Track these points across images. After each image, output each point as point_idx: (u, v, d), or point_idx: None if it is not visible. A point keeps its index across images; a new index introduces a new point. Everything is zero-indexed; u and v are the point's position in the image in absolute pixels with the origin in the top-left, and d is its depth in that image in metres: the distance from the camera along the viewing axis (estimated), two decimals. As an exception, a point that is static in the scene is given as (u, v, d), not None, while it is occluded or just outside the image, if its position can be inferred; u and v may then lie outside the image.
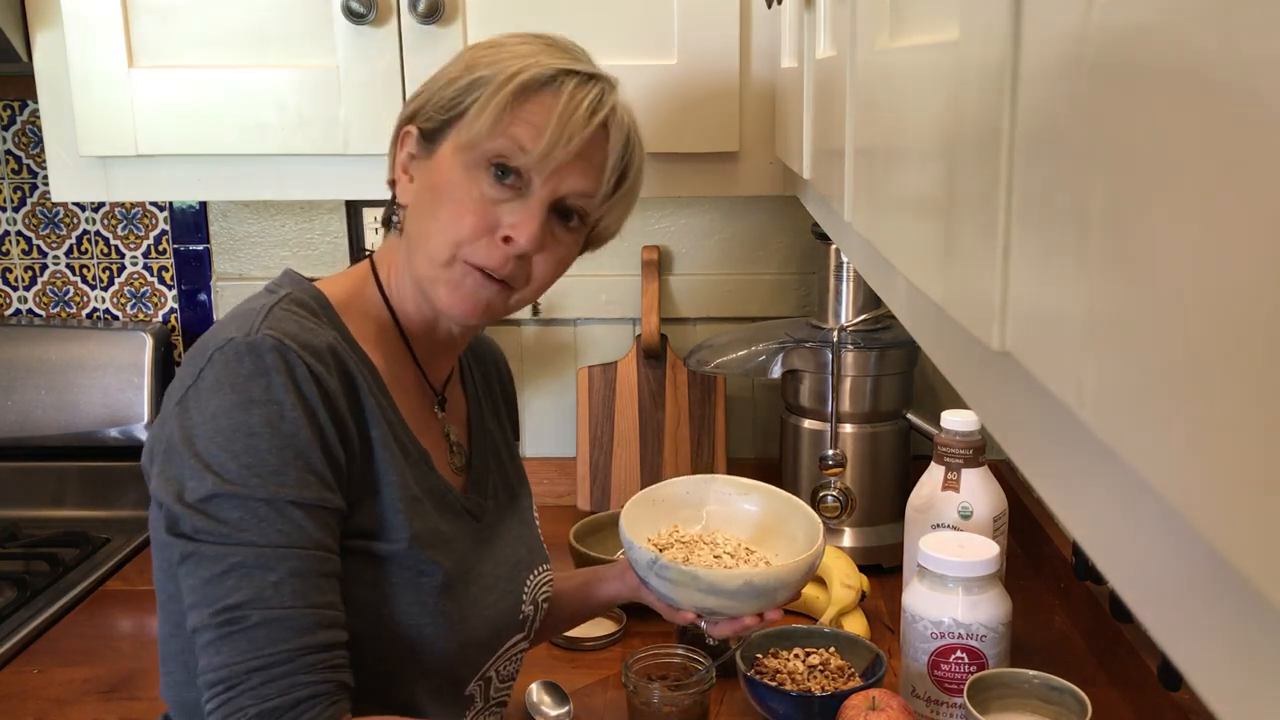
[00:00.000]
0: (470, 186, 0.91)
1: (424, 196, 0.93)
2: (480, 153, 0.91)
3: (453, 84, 0.93)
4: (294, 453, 0.82)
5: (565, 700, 1.24)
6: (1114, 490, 0.28)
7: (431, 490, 0.95)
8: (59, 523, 1.72)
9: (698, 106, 1.36)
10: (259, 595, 0.80)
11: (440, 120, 0.93)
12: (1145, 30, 0.24)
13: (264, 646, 0.80)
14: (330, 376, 0.85)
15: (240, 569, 0.80)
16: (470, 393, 1.11)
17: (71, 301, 1.85)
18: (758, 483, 1.19)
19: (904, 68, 0.54)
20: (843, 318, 1.57)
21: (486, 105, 0.90)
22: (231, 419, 0.82)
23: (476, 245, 0.92)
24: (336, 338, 0.90)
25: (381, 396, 0.92)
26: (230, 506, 0.81)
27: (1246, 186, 0.19)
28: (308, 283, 0.96)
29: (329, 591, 0.84)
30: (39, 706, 1.26)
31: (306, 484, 0.82)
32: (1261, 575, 0.19)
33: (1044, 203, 0.32)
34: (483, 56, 0.93)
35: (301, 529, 0.82)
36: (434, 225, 0.92)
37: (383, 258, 1.00)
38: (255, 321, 0.85)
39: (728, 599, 1.00)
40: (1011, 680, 1.08)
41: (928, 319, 0.53)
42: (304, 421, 0.82)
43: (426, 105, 0.94)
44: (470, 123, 0.91)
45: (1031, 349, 0.34)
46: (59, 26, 1.37)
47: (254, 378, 0.82)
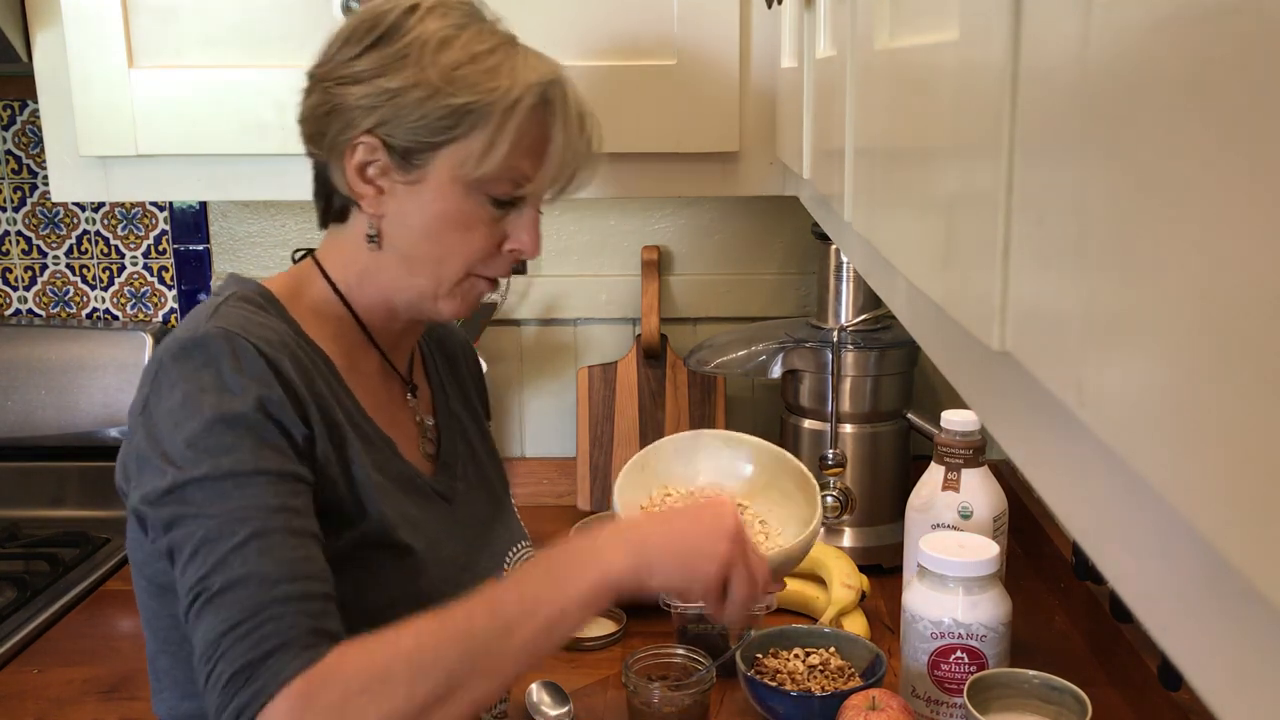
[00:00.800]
0: (475, 210, 0.93)
1: (419, 218, 0.93)
2: (483, 183, 0.92)
3: (429, 102, 0.89)
4: (246, 428, 0.82)
5: (565, 700, 1.24)
6: (1114, 490, 0.28)
7: (399, 475, 0.96)
8: (59, 523, 1.72)
9: (698, 106, 1.36)
10: (221, 562, 0.78)
11: (422, 141, 0.90)
12: (1145, 30, 0.24)
13: (230, 608, 0.77)
14: (283, 359, 0.86)
15: (205, 544, 0.79)
16: (434, 379, 1.11)
17: (71, 301, 1.85)
18: (747, 436, 1.17)
19: (904, 68, 0.54)
20: (843, 318, 1.57)
21: (492, 144, 0.90)
22: (185, 409, 0.82)
23: (490, 263, 0.96)
24: (287, 331, 0.90)
25: (337, 386, 0.92)
26: (191, 491, 0.80)
27: (1246, 186, 0.19)
28: (253, 281, 0.96)
29: (299, 548, 0.81)
30: (39, 706, 1.26)
31: (263, 455, 0.82)
32: (1261, 575, 0.19)
33: (1044, 203, 0.32)
34: (456, 69, 0.90)
35: (261, 495, 0.81)
36: (441, 249, 0.93)
37: (331, 255, 0.99)
38: (201, 322, 0.86)
39: None
40: (1011, 680, 1.08)
41: (928, 319, 0.53)
42: (255, 400, 0.82)
43: (397, 121, 0.90)
44: (470, 155, 0.90)
45: (1031, 349, 0.34)
46: (59, 26, 1.37)
47: (203, 368, 0.83)
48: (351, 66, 0.92)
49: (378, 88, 0.90)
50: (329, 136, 0.94)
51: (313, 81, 0.95)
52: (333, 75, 0.93)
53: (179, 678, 0.92)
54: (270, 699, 0.74)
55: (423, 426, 1.04)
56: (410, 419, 1.03)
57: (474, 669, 0.77)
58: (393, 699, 0.75)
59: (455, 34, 0.91)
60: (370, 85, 0.90)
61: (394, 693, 0.75)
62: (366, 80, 0.91)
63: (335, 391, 0.91)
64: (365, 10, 0.94)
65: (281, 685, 0.74)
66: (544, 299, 1.79)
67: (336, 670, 0.76)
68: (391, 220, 0.94)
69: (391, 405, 1.01)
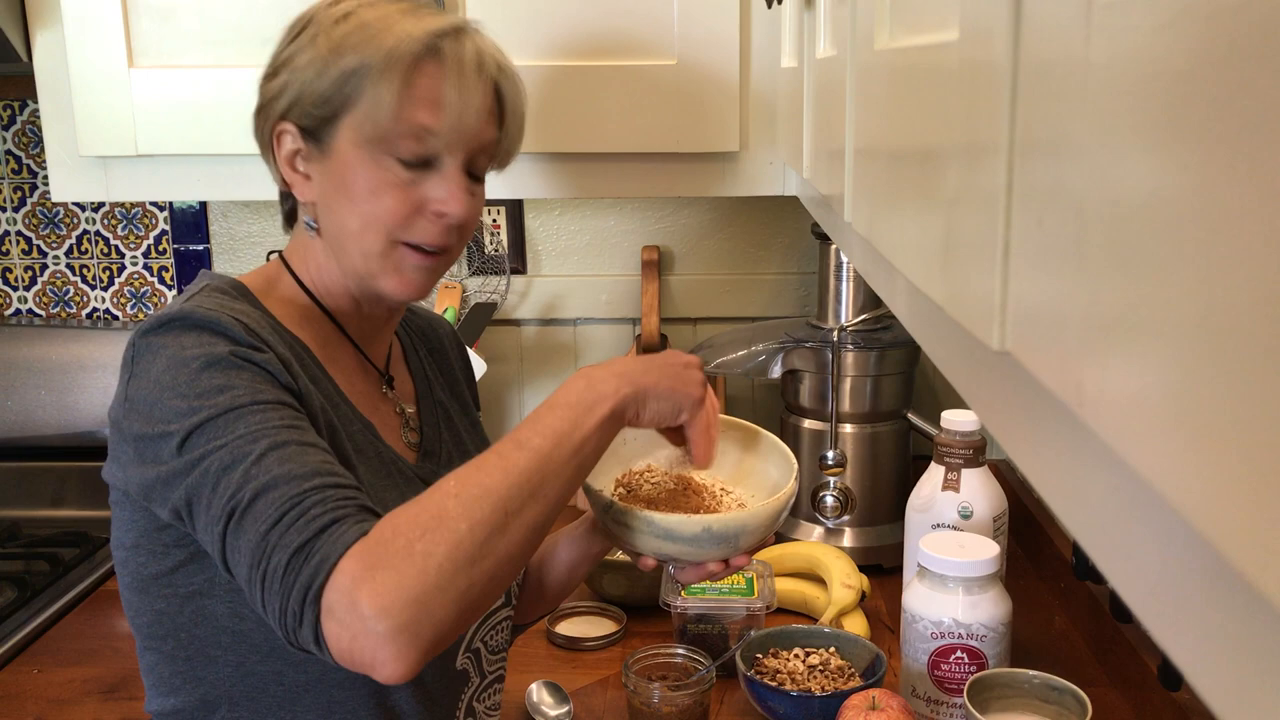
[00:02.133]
0: (382, 173, 0.91)
1: (336, 194, 0.93)
2: (384, 143, 0.90)
3: (323, 75, 0.90)
4: (235, 372, 0.82)
5: (565, 700, 1.24)
6: (1114, 490, 0.28)
7: (379, 459, 0.95)
8: (59, 523, 1.72)
9: (698, 106, 1.36)
10: (245, 477, 0.77)
11: (321, 115, 0.91)
12: (1145, 30, 0.24)
13: (269, 508, 0.76)
14: (260, 332, 0.86)
15: (223, 472, 0.78)
16: (415, 369, 1.10)
17: (71, 301, 1.85)
18: (735, 419, 1.14)
19: (904, 68, 0.54)
20: (843, 318, 1.57)
21: (378, 98, 0.89)
22: (170, 373, 0.81)
23: (411, 227, 0.92)
24: (263, 318, 0.90)
25: (316, 370, 0.92)
26: (195, 438, 0.80)
27: (1247, 186, 0.19)
28: (226, 278, 0.96)
29: (317, 454, 0.81)
30: (39, 706, 1.26)
31: (258, 390, 0.82)
32: (1261, 575, 0.19)
33: (1044, 203, 0.32)
34: (345, 37, 0.90)
35: (266, 419, 0.80)
36: (358, 220, 0.92)
37: (293, 254, 0.99)
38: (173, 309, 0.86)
39: (686, 545, 0.96)
40: (1011, 680, 1.08)
41: (928, 319, 0.53)
42: (235, 342, 0.83)
43: (300, 101, 0.91)
44: (364, 116, 0.89)
45: (1031, 349, 0.34)
46: (59, 26, 1.37)
47: (182, 333, 0.83)
48: (273, 63, 0.95)
49: (286, 75, 0.92)
50: (260, 134, 0.96)
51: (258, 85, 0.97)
52: (264, 75, 0.96)
53: (164, 674, 0.92)
54: (335, 565, 0.73)
55: (404, 415, 1.04)
56: (391, 409, 1.03)
57: (522, 495, 0.79)
58: (455, 532, 0.75)
59: (354, 10, 0.92)
60: (282, 75, 0.93)
61: (455, 527, 0.75)
62: (280, 72, 0.93)
63: (314, 375, 0.91)
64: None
65: (344, 550, 0.73)
66: (544, 299, 1.79)
67: (394, 525, 0.75)
68: (319, 204, 0.94)
69: (370, 396, 1.00)
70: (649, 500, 1.04)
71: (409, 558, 0.73)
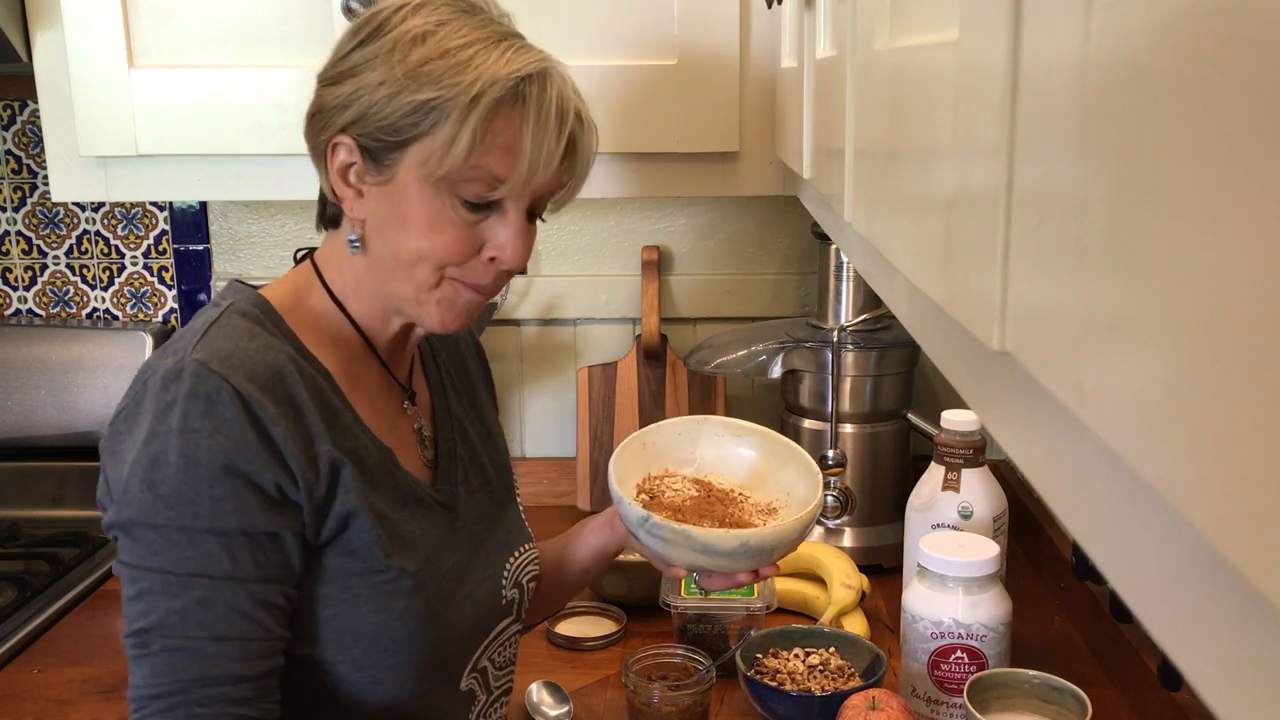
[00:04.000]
0: (445, 211, 0.88)
1: (391, 220, 0.90)
2: (451, 183, 0.87)
3: (395, 99, 0.86)
4: (209, 481, 0.81)
5: (565, 700, 1.24)
6: (1114, 490, 0.28)
7: (398, 488, 0.94)
8: (59, 523, 1.72)
9: (698, 106, 1.36)
10: (163, 622, 0.81)
11: (390, 142, 0.87)
12: (1145, 30, 0.24)
13: (164, 674, 0.81)
14: (265, 399, 0.83)
15: (148, 594, 0.82)
16: (433, 381, 1.08)
17: (71, 301, 1.85)
18: (753, 425, 1.14)
19: (904, 68, 0.54)
20: (843, 318, 1.57)
21: (454, 138, 0.85)
22: (149, 447, 0.82)
23: (465, 268, 0.91)
24: (284, 348, 0.88)
25: (337, 400, 0.90)
26: (143, 532, 0.82)
27: (1246, 186, 0.19)
28: (253, 291, 0.93)
29: (242, 622, 0.82)
30: (39, 706, 1.26)
31: (221, 513, 0.81)
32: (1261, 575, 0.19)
33: (1044, 203, 0.32)
34: (424, 63, 0.86)
35: (212, 557, 0.81)
36: (413, 252, 0.89)
37: (328, 260, 0.97)
38: (190, 345, 0.84)
39: (722, 559, 0.97)
40: (1011, 680, 1.08)
41: (928, 319, 0.53)
42: (220, 449, 0.81)
43: (366, 120, 0.87)
44: (434, 153, 0.86)
45: (1031, 349, 0.34)
46: (59, 26, 1.37)
47: (173, 406, 0.82)
48: (337, 67, 0.90)
49: (352, 86, 0.88)
50: (313, 139, 0.93)
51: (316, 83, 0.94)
52: (324, 76, 0.92)
53: None
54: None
55: (420, 434, 1.02)
56: (409, 426, 1.01)
57: None
58: None
59: (434, 29, 0.87)
60: (347, 85, 0.88)
61: None
62: (345, 80, 0.89)
63: (333, 409, 0.89)
64: (366, 11, 0.92)
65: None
66: (544, 299, 1.79)
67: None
68: (370, 224, 0.91)
69: (391, 414, 0.99)
70: (675, 509, 1.04)
71: None
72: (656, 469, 1.10)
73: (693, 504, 1.06)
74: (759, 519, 1.07)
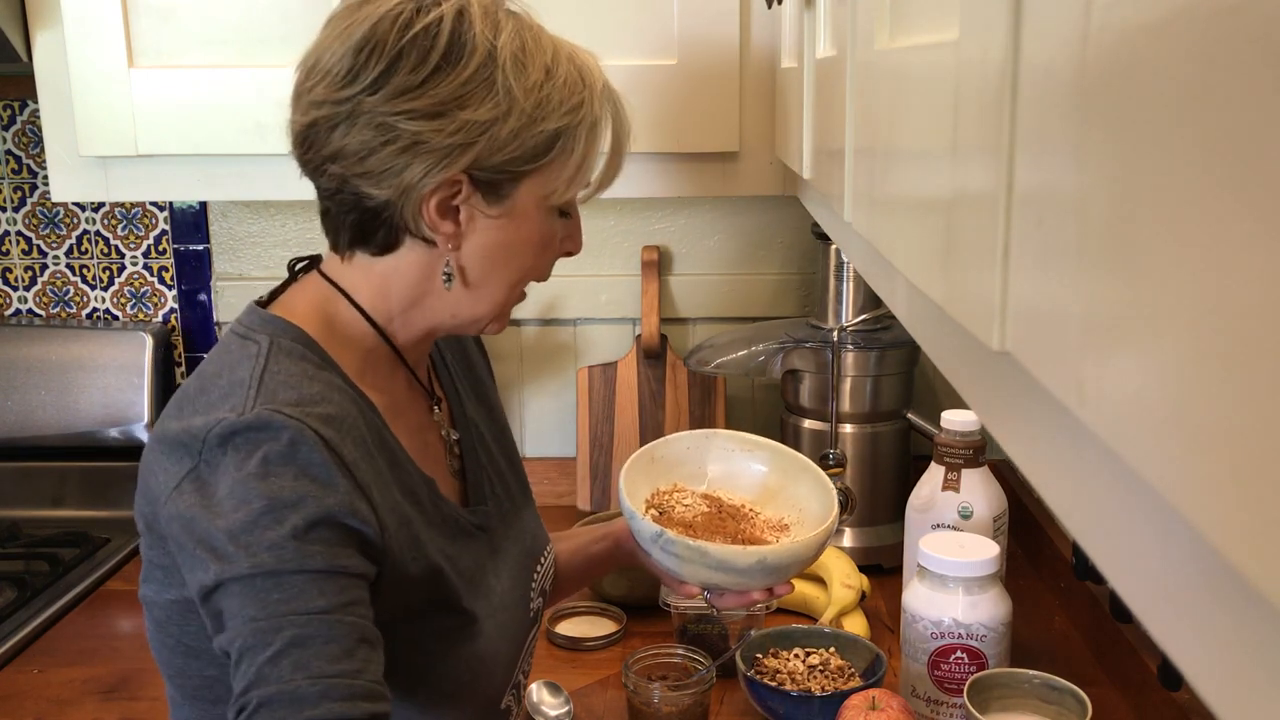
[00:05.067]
0: (550, 228, 0.91)
1: (505, 248, 0.88)
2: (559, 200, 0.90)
3: (525, 132, 0.83)
4: (295, 523, 0.75)
5: (565, 700, 1.24)
6: (1114, 490, 0.28)
7: (444, 521, 0.90)
8: (59, 523, 1.72)
9: (698, 106, 1.36)
10: (259, 676, 0.74)
11: (515, 171, 0.85)
12: (1145, 30, 0.24)
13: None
14: (344, 442, 0.79)
15: (245, 652, 0.75)
16: (446, 384, 1.05)
17: (71, 301, 1.85)
18: (764, 439, 1.13)
19: (904, 68, 0.54)
20: (843, 318, 1.57)
21: (576, 162, 0.88)
22: (233, 497, 0.76)
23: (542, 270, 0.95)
24: (341, 386, 0.84)
25: (390, 438, 0.87)
26: (232, 591, 0.75)
27: (1246, 186, 0.19)
28: (284, 323, 0.86)
29: (342, 659, 0.75)
30: (39, 706, 1.26)
31: (309, 554, 0.75)
32: (1261, 575, 0.19)
33: (1044, 203, 0.32)
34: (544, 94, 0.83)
35: (303, 594, 0.75)
36: (519, 273, 0.91)
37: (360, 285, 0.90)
38: (249, 397, 0.79)
39: (738, 576, 0.95)
40: (1011, 680, 1.08)
41: (928, 319, 0.53)
42: (308, 489, 0.76)
43: (488, 156, 0.83)
44: (557, 178, 0.87)
45: (1031, 349, 0.34)
46: (59, 26, 1.37)
47: (252, 454, 0.76)
48: (421, 96, 0.81)
49: (464, 121, 0.81)
50: (401, 174, 0.82)
51: (350, 106, 0.82)
52: (398, 108, 0.81)
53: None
54: None
55: (448, 441, 0.99)
56: (437, 437, 0.98)
57: None
58: None
59: (519, 42, 0.84)
60: (454, 119, 0.81)
61: None
62: (448, 113, 0.81)
63: (391, 447, 0.86)
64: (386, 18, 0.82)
65: None
66: (544, 299, 1.79)
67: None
68: (473, 255, 0.87)
69: (422, 430, 0.96)
70: (685, 524, 1.03)
71: None
72: (665, 484, 1.09)
73: (704, 520, 1.04)
74: (771, 535, 1.05)
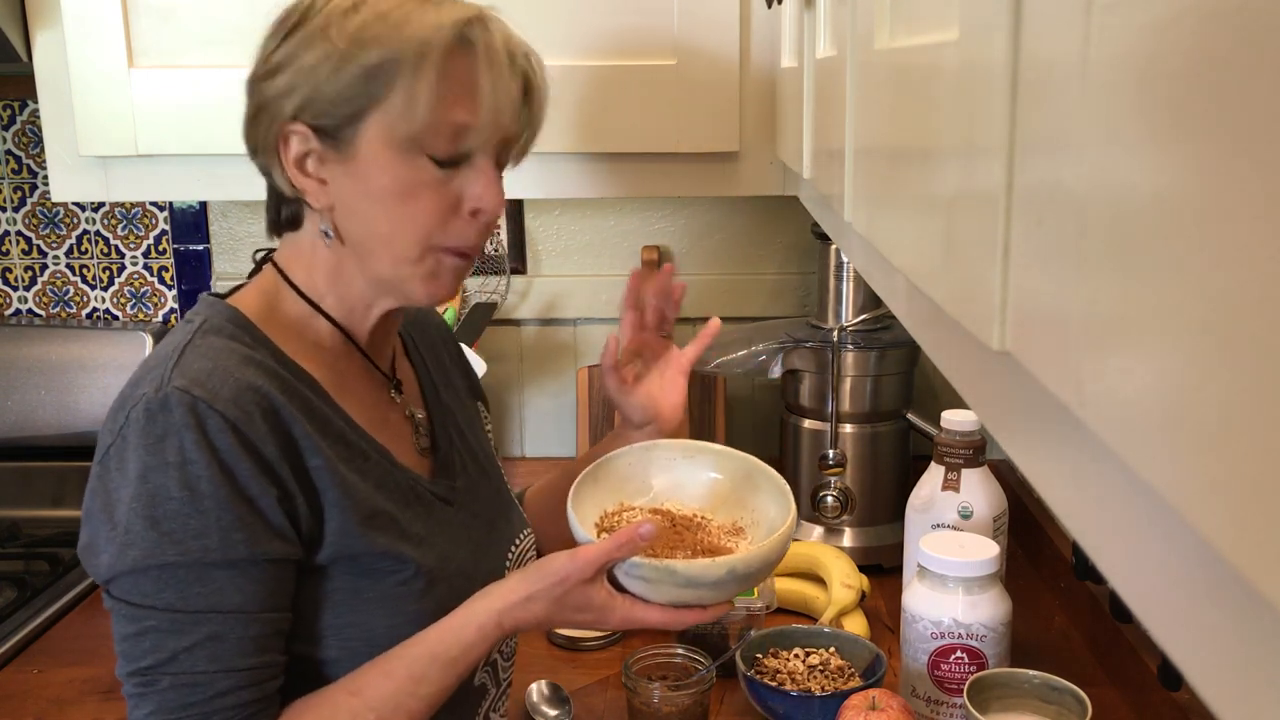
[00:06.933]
0: (415, 174, 0.86)
1: (362, 198, 0.87)
2: (417, 142, 0.85)
3: (342, 71, 0.84)
4: (216, 512, 0.80)
5: (565, 700, 1.24)
6: (1114, 490, 0.28)
7: (399, 487, 0.93)
8: (59, 523, 1.72)
9: (698, 106, 1.36)
10: (171, 659, 0.80)
11: (343, 114, 0.85)
12: (1145, 30, 0.24)
13: (173, 708, 0.80)
14: (252, 420, 0.82)
15: (153, 632, 0.80)
16: (417, 364, 1.06)
17: (71, 301, 1.85)
18: (705, 443, 1.08)
19: (904, 67, 0.54)
20: (843, 318, 1.57)
21: (412, 93, 0.83)
22: (147, 483, 0.79)
23: (447, 230, 0.88)
24: (265, 361, 0.86)
25: (325, 407, 0.88)
26: (148, 574, 0.80)
27: (1247, 186, 0.19)
28: (223, 304, 0.90)
29: (253, 654, 0.82)
30: (39, 706, 1.26)
31: (231, 543, 0.80)
32: (1262, 575, 0.19)
33: (1044, 203, 0.32)
34: (363, 28, 0.84)
35: (222, 591, 0.80)
36: (390, 224, 0.87)
37: (293, 262, 0.93)
38: (166, 371, 0.82)
39: (709, 589, 0.91)
40: (1011, 680, 1.08)
41: (928, 319, 0.53)
42: (222, 478, 0.80)
43: (314, 100, 0.85)
44: (396, 114, 0.84)
45: (1031, 349, 0.34)
46: (59, 26, 1.37)
47: (166, 437, 0.80)
48: (272, 59, 0.87)
49: (291, 72, 0.85)
50: (261, 137, 0.89)
51: (248, 87, 0.90)
52: (258, 74, 0.88)
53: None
54: None
55: (414, 420, 1.01)
56: (400, 416, 1.00)
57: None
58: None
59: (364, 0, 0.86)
60: (285, 74, 0.85)
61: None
62: (282, 70, 0.86)
63: (321, 418, 0.88)
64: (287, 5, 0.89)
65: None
66: (544, 299, 1.79)
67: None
68: (340, 209, 0.88)
69: (380, 407, 0.97)
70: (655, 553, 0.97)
71: None
72: (611, 504, 1.04)
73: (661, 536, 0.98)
74: (728, 541, 1.01)
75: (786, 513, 0.98)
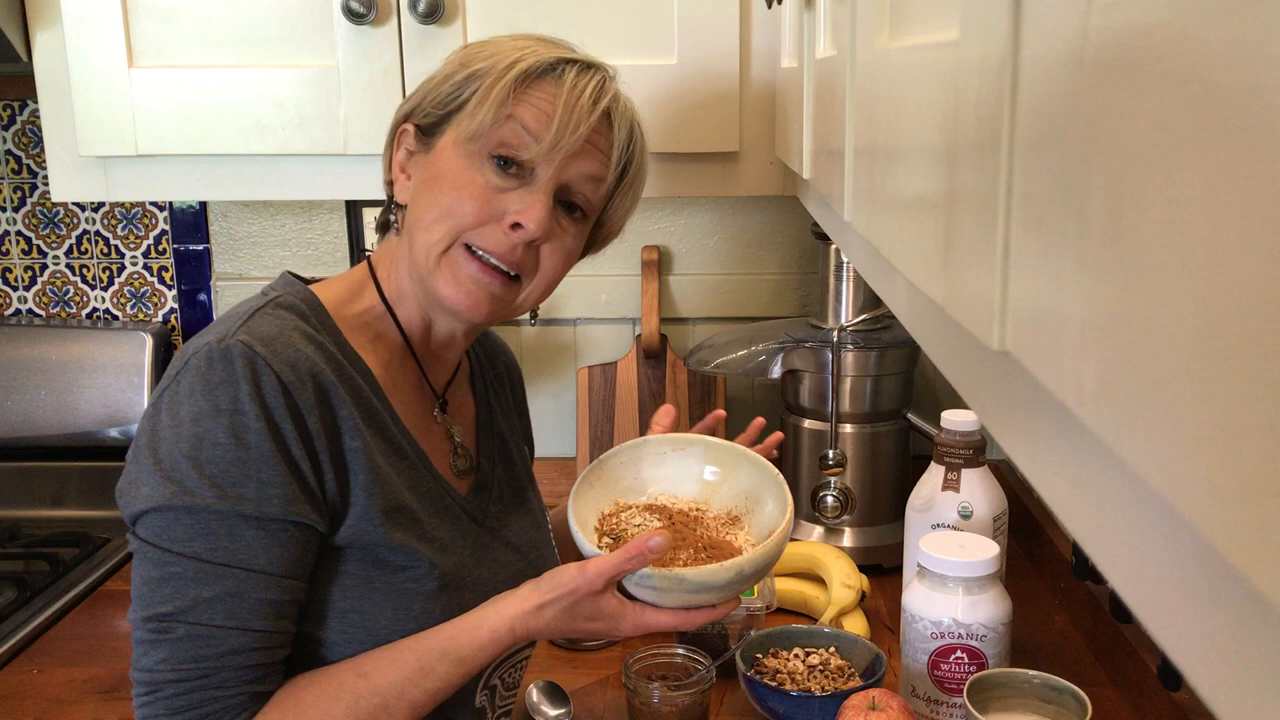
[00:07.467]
0: (473, 174, 0.91)
1: (424, 187, 0.93)
2: (484, 143, 0.91)
3: (449, 79, 0.93)
4: (258, 465, 0.81)
5: (565, 700, 1.24)
6: (1114, 490, 0.28)
7: (429, 493, 0.95)
8: (59, 523, 1.72)
9: (698, 106, 1.36)
10: (190, 608, 0.81)
11: (438, 115, 0.93)
12: (1145, 29, 0.24)
13: (184, 659, 0.81)
14: (303, 388, 0.84)
15: (177, 579, 0.81)
16: (479, 394, 1.10)
17: (71, 301, 1.85)
18: (694, 435, 1.10)
19: (904, 68, 0.54)
20: (843, 318, 1.57)
21: (488, 95, 0.90)
22: (197, 426, 0.81)
23: (481, 232, 0.91)
24: (326, 344, 0.89)
25: (375, 400, 0.91)
26: (180, 516, 0.81)
27: (1246, 185, 0.19)
28: (303, 285, 0.95)
29: (269, 617, 0.83)
30: (39, 706, 1.26)
31: (266, 498, 0.82)
32: (1261, 575, 0.19)
33: (1044, 203, 0.32)
34: (478, 52, 0.94)
35: (249, 548, 0.82)
36: (434, 211, 0.91)
37: (381, 259, 0.99)
38: (234, 326, 0.85)
39: (718, 593, 0.92)
40: (1011, 680, 1.08)
41: (928, 319, 0.53)
42: (268, 434, 0.82)
43: (423, 102, 0.94)
44: (471, 113, 0.90)
45: (1031, 349, 0.34)
46: (59, 26, 1.37)
47: (222, 385, 0.82)
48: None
49: (421, 86, 0.97)
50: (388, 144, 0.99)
51: None
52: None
53: None
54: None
55: (454, 443, 1.03)
56: (442, 434, 1.02)
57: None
58: None
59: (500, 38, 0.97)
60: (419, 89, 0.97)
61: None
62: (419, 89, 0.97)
63: (369, 408, 0.90)
64: None
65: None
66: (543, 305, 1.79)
67: None
68: (410, 202, 0.95)
69: (425, 418, 1.00)
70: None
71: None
72: (608, 505, 1.05)
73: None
74: (727, 532, 1.02)
75: (777, 495, 1.00)
